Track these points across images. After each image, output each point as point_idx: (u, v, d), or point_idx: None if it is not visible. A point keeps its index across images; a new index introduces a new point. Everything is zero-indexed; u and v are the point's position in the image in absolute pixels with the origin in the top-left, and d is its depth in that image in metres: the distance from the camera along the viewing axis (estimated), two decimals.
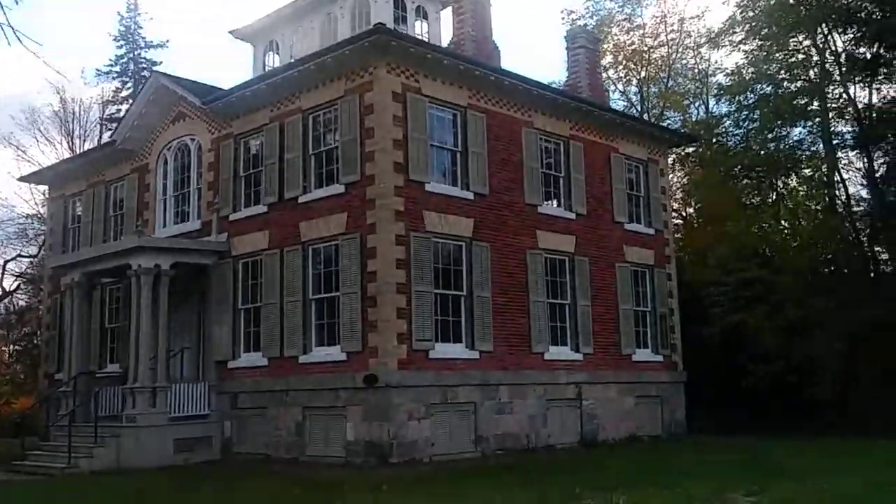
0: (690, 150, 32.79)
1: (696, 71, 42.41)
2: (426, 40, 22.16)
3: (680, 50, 41.71)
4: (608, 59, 38.99)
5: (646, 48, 41.29)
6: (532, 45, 63.53)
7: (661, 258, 23.17)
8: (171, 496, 12.30)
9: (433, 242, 17.21)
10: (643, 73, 41.49)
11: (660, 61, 41.60)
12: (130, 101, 38.40)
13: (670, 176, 28.59)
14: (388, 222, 16.50)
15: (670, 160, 29.41)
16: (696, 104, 42.74)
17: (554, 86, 24.81)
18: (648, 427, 21.56)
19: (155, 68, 33.45)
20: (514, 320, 18.68)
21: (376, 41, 16.45)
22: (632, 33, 41.17)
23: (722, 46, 30.40)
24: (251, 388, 18.42)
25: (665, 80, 41.54)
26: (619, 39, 40.59)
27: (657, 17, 41.94)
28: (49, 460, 17.41)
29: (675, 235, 26.43)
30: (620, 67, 40.56)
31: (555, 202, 20.55)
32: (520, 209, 19.30)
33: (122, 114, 38.96)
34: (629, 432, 20.85)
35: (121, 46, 39.29)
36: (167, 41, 46.67)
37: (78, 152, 37.56)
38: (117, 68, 39.24)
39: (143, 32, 39.65)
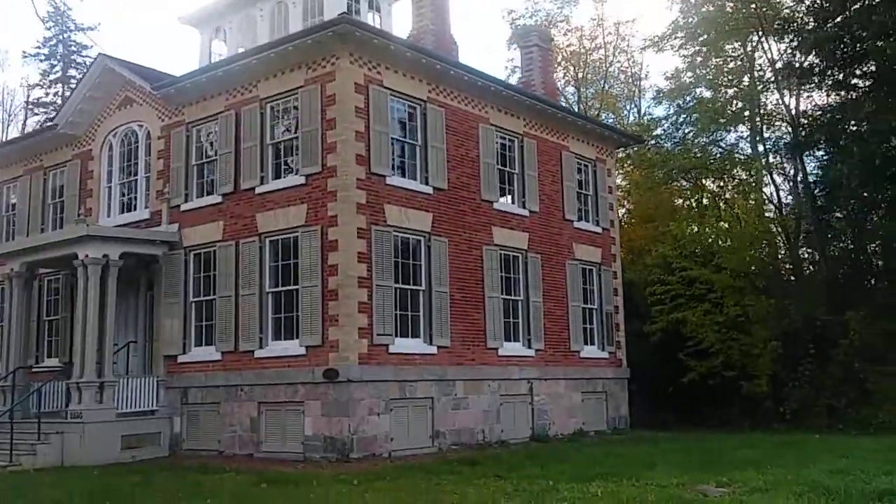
0: (628, 151, 33.50)
1: (629, 74, 43.52)
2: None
3: (615, 53, 42.71)
4: None
5: (583, 50, 42.09)
6: (471, 44, 63.73)
7: (608, 256, 23.60)
8: (134, 493, 11.93)
9: (393, 236, 17.14)
10: (580, 75, 42.27)
11: (597, 63, 42.48)
12: (60, 84, 37.18)
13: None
14: (351, 215, 16.35)
15: None
16: (629, 107, 43.89)
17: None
18: (594, 422, 21.93)
19: (102, 51, 32.08)
20: (471, 316, 18.75)
21: (341, 30, 16.27)
22: (569, 35, 41.94)
23: (664, 50, 31.06)
24: (203, 383, 18.00)
25: (601, 83, 42.41)
26: (557, 41, 41.10)
27: (595, 20, 42.88)
28: None
29: None
30: (559, 68, 41.18)
31: (509, 199, 20.69)
32: (476, 205, 19.39)
33: (49, 98, 37.68)
34: (576, 427, 21.18)
35: (49, 28, 37.85)
36: (98, 24, 45.25)
37: (2, 138, 36.12)
38: (45, 51, 37.78)
39: (72, 14, 38.29)
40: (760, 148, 30.85)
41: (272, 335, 17.27)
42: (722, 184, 31.73)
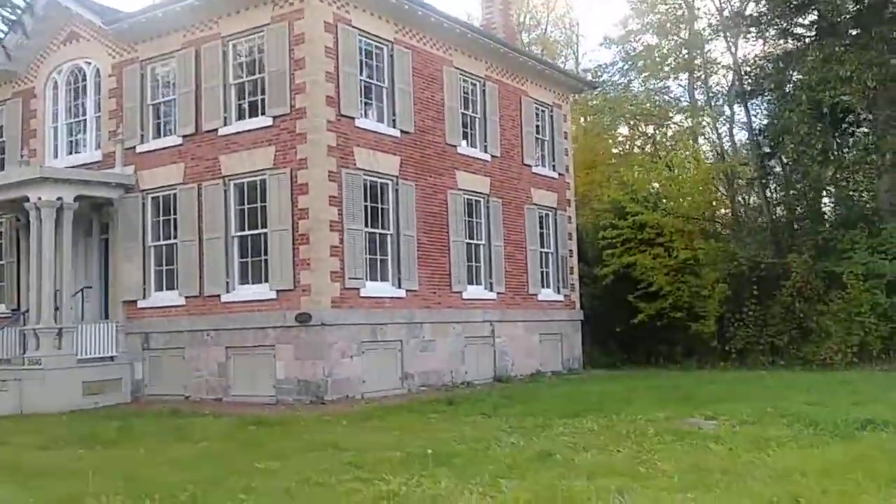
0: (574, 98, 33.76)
1: (566, 21, 43.72)
2: None
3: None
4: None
5: None
6: None
7: (563, 201, 23.88)
8: (122, 437, 11.71)
9: (363, 179, 16.96)
10: (521, 20, 42.16)
11: (536, 9, 42.48)
12: None
13: None
14: (321, 157, 16.10)
15: None
16: (566, 53, 44.11)
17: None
18: (550, 363, 22.38)
19: None
20: (436, 260, 18.81)
21: None
22: None
23: None
24: (165, 329, 17.66)
25: (543, 29, 42.47)
26: None
27: None
28: None
29: None
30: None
31: (470, 142, 20.63)
32: (441, 149, 19.30)
33: None
34: (535, 368, 21.58)
35: None
36: None
37: None
38: None
39: None
40: (701, 96, 31.51)
41: (239, 279, 17.01)
42: (666, 130, 32.29)
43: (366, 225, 16.97)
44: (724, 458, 8.51)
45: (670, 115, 31.88)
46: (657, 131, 32.71)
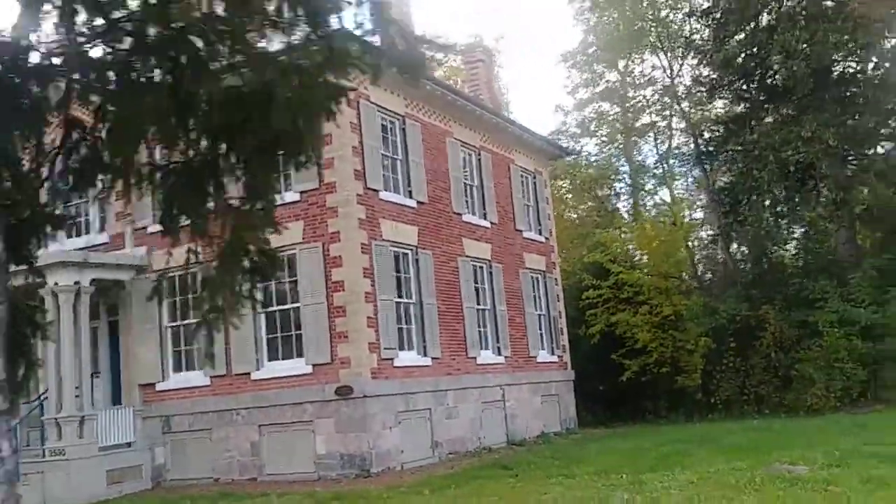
0: None
1: (497, 87, 45.31)
2: None
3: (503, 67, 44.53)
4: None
5: (463, 66, 43.32)
6: None
7: (550, 264, 24.55)
8: None
9: (390, 250, 17.20)
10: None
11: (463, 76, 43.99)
12: None
13: None
14: (353, 230, 16.28)
15: None
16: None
17: None
18: (551, 424, 22.66)
19: None
20: (453, 327, 19.05)
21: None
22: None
23: (575, 67, 32.61)
24: (188, 410, 17.22)
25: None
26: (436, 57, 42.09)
27: (474, 37, 44.28)
28: None
29: None
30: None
31: (472, 211, 21.11)
32: (449, 218, 19.73)
33: None
34: (539, 430, 21.83)
35: None
36: None
37: None
38: None
39: None
40: (653, 159, 33.13)
41: (268, 356, 16.81)
42: (618, 194, 33.67)
43: (395, 295, 17.13)
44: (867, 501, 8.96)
45: (622, 178, 33.26)
46: (612, 195, 34.04)
